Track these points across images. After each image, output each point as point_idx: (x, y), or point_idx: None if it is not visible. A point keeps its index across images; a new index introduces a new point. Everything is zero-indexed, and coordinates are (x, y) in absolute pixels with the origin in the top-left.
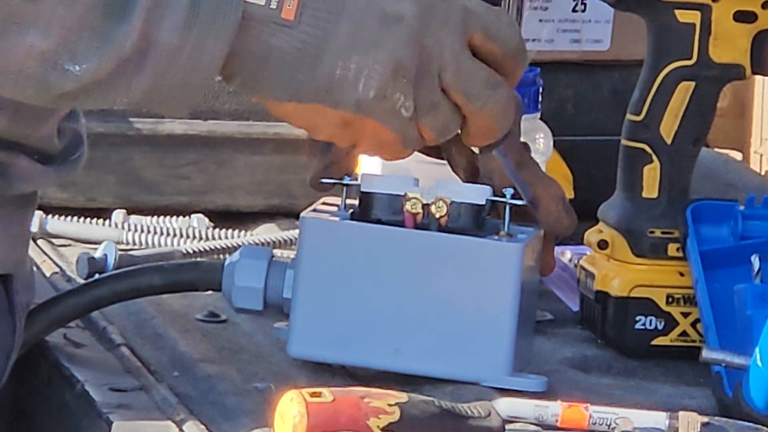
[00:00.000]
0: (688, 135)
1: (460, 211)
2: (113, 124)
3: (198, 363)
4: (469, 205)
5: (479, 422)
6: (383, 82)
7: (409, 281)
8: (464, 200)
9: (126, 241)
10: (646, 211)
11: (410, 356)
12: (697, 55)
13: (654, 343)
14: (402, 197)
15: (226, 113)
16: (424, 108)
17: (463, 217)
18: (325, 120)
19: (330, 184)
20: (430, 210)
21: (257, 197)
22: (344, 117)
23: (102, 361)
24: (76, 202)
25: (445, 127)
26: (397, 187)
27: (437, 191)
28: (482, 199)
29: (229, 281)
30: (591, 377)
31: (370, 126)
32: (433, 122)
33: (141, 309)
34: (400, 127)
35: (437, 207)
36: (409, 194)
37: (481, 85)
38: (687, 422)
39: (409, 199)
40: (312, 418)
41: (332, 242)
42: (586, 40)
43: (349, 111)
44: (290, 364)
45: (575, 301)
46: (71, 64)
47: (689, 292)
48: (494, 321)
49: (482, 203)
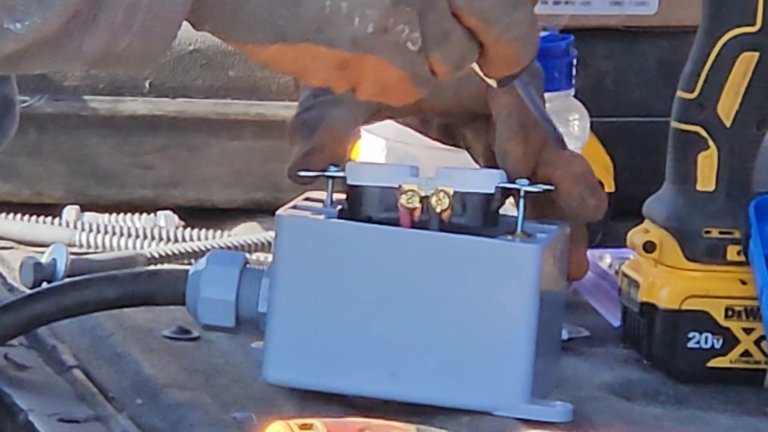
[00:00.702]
0: (751, 116)
1: (466, 203)
2: (64, 102)
3: (165, 388)
4: (476, 195)
5: None
6: (383, 12)
7: (406, 291)
8: (470, 189)
9: (79, 243)
10: (701, 207)
11: (409, 382)
12: (762, 21)
13: (710, 364)
14: (396, 190)
15: (198, 90)
16: (434, 38)
17: (469, 210)
18: (317, 62)
19: (310, 176)
20: (430, 203)
21: (236, 190)
22: (340, 57)
23: (50, 386)
24: (19, 197)
25: (461, 59)
26: (390, 178)
27: (438, 181)
28: (491, 186)
29: (194, 293)
30: (635, 405)
31: (371, 65)
32: (445, 54)
33: (97, 324)
34: (407, 63)
35: (438, 199)
36: (404, 186)
37: (499, 5)
38: None
39: (404, 192)
40: None
41: (314, 245)
42: (629, 2)
43: (345, 49)
44: (275, 389)
45: (616, 315)
46: (11, 21)
47: (753, 303)
48: (509, 338)
49: (491, 192)
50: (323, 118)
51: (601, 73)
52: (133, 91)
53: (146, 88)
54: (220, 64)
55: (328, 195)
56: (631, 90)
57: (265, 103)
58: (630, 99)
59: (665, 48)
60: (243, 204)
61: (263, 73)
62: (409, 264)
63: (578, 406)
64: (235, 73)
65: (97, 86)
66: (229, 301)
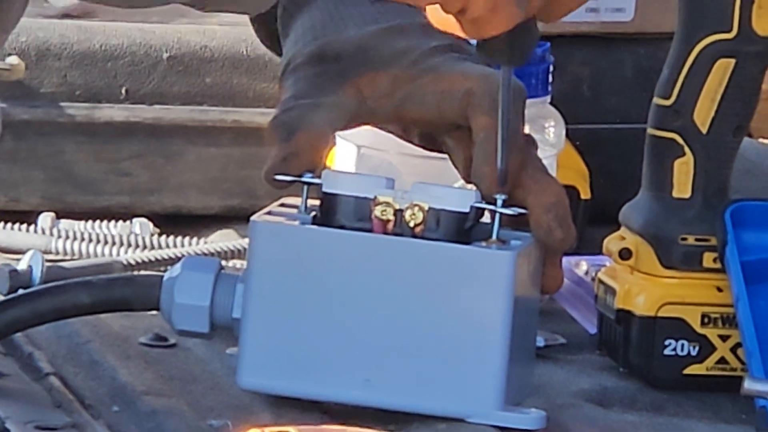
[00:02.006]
0: (728, 123)
1: (440, 220)
2: (40, 109)
3: (142, 396)
4: (451, 213)
5: None
6: None
7: (380, 298)
8: (444, 207)
9: (55, 250)
10: (678, 214)
11: (383, 388)
12: (738, 27)
13: (687, 372)
14: (371, 201)
15: (174, 96)
16: None
17: (442, 227)
18: None
19: (287, 181)
20: (404, 217)
21: (212, 197)
22: None
23: (27, 394)
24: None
25: None
26: (366, 189)
27: (413, 195)
28: (466, 206)
29: (168, 298)
30: (612, 413)
31: None
32: None
33: (74, 331)
34: None
35: (412, 214)
36: (379, 197)
37: None
38: None
39: (379, 204)
40: None
41: (289, 251)
42: (606, 8)
43: None
44: (252, 396)
45: (593, 322)
46: None
47: (729, 310)
48: (482, 345)
49: (466, 211)
50: (302, 120)
51: (577, 79)
52: (109, 98)
53: (123, 94)
54: (197, 70)
55: (303, 201)
56: (608, 96)
57: (242, 110)
58: (606, 105)
59: (641, 54)
60: (219, 211)
61: (240, 80)
62: (383, 270)
63: (554, 414)
64: (212, 79)
65: (74, 93)
66: (203, 306)
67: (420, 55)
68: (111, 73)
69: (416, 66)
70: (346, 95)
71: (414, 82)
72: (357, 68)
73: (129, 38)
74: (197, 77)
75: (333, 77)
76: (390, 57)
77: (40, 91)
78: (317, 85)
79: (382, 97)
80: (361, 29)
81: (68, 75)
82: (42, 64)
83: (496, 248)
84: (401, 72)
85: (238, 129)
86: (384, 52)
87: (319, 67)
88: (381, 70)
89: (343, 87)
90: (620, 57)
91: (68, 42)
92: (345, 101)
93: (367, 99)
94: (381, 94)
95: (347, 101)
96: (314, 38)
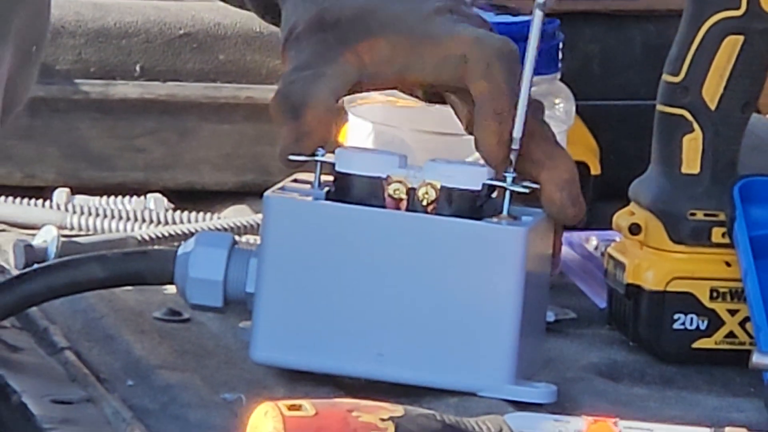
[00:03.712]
0: (736, 99)
1: (452, 198)
2: (55, 86)
3: (156, 370)
4: (463, 191)
5: None
6: None
7: (393, 273)
8: (456, 185)
9: (70, 226)
10: (686, 190)
11: (395, 362)
12: (747, 4)
13: (695, 345)
14: (383, 180)
15: (188, 73)
16: None
17: (454, 204)
18: None
19: (301, 161)
20: (417, 195)
21: (226, 173)
22: None
23: (42, 368)
24: (11, 179)
25: None
26: (379, 168)
27: (425, 173)
28: (478, 184)
29: (182, 273)
30: (621, 386)
31: None
32: None
33: (89, 306)
34: None
35: (425, 192)
36: (392, 177)
37: None
38: None
39: (391, 183)
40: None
41: (302, 226)
42: None
43: None
44: (265, 370)
45: (602, 297)
46: None
47: (737, 285)
48: (493, 320)
49: (478, 189)
50: (306, 95)
51: (587, 56)
52: (124, 75)
53: (137, 71)
54: (211, 47)
55: (316, 177)
56: (617, 73)
57: (255, 87)
58: (616, 82)
59: (651, 32)
60: (233, 187)
61: (253, 57)
62: (396, 245)
63: (564, 387)
64: (226, 56)
65: (88, 70)
66: (217, 281)
67: (417, 20)
68: (125, 50)
69: (414, 31)
70: (347, 63)
71: (413, 49)
72: (356, 34)
73: (143, 16)
74: (211, 54)
75: (333, 44)
76: (388, 22)
77: (55, 68)
78: (318, 52)
79: (382, 64)
80: None
81: (83, 52)
82: (57, 41)
83: (507, 224)
84: (400, 37)
85: (251, 106)
86: (382, 17)
87: (319, 34)
88: (380, 35)
89: (344, 54)
90: (630, 34)
91: (83, 19)
92: (346, 69)
93: (367, 65)
94: (381, 61)
95: (348, 69)
96: (314, 2)
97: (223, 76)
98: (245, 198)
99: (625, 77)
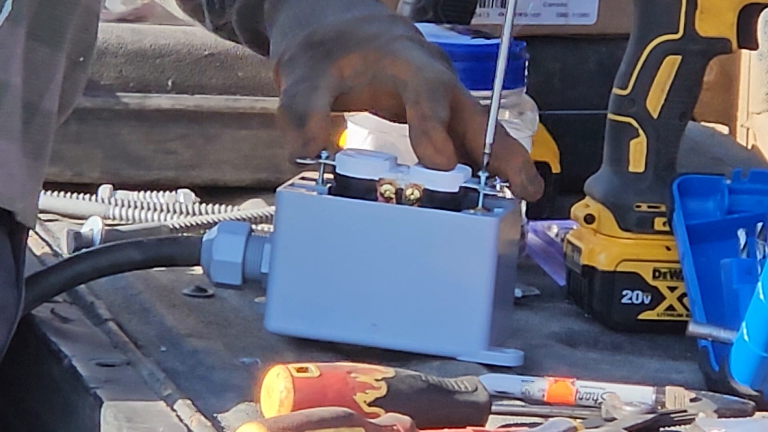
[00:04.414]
0: (675, 109)
1: (433, 198)
2: (100, 98)
3: (185, 338)
4: (442, 193)
5: (466, 397)
6: None
7: (385, 256)
8: (437, 188)
9: (113, 216)
10: (633, 186)
11: (387, 331)
12: (684, 29)
13: (641, 317)
14: (376, 182)
15: (213, 87)
16: None
17: (436, 203)
18: None
19: (307, 164)
20: (404, 194)
21: (244, 172)
22: None
23: (89, 336)
24: (62, 177)
25: None
26: (372, 171)
27: (412, 177)
28: (455, 186)
29: (207, 256)
30: (578, 352)
31: None
32: None
33: (128, 284)
34: None
35: (411, 192)
36: (384, 179)
37: None
38: (674, 397)
39: (383, 184)
40: (298, 393)
41: (308, 217)
42: (573, 13)
43: None
44: (277, 339)
45: (562, 276)
46: None
47: (676, 266)
48: (470, 295)
49: (455, 191)
50: (308, 105)
51: (549, 73)
52: (158, 89)
53: (169, 86)
54: (231, 66)
55: (320, 175)
56: (575, 87)
57: (269, 99)
58: (573, 95)
59: (603, 52)
60: (250, 183)
61: (267, 74)
62: (388, 233)
63: (530, 353)
64: (244, 73)
65: (128, 84)
66: (236, 263)
67: (387, 40)
68: (159, 68)
69: (382, 48)
70: (332, 76)
71: (379, 62)
72: (339, 50)
73: (175, 39)
74: (231, 71)
75: (321, 59)
76: (364, 40)
77: (100, 84)
78: (310, 66)
79: (358, 76)
80: (339, 17)
81: (123, 70)
82: (101, 60)
83: (481, 215)
84: (371, 52)
85: (265, 115)
86: (359, 36)
87: (309, 52)
88: (356, 51)
89: (330, 68)
90: (585, 54)
91: (123, 42)
92: (332, 82)
93: (346, 79)
94: (357, 73)
95: (333, 82)
96: (301, 29)
97: (242, 90)
98: (261, 193)
99: (582, 90)
